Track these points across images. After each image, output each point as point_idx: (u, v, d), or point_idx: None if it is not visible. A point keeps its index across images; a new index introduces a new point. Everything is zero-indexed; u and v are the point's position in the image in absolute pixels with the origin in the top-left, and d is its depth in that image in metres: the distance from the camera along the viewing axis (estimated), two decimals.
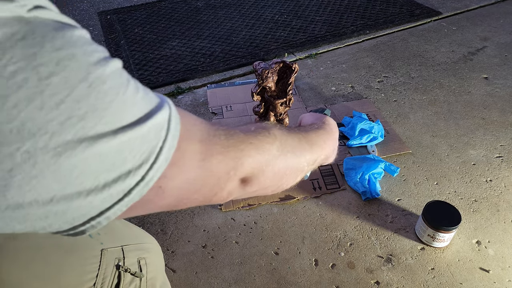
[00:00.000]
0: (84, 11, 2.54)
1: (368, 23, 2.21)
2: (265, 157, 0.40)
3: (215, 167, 0.34)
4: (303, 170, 0.46)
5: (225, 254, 1.05)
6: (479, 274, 0.98)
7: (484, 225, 1.10)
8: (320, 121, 0.57)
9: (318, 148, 0.49)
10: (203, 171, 0.33)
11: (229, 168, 0.36)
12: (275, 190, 0.44)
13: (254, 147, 0.39)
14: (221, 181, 0.36)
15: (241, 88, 1.71)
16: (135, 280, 0.58)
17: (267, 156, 0.40)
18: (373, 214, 1.14)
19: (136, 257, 0.59)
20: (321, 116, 0.59)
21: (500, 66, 1.80)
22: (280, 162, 0.42)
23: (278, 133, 0.43)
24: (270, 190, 0.43)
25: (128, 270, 0.56)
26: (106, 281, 0.53)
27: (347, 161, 1.28)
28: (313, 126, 0.54)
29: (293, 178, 0.45)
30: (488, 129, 1.44)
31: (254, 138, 0.40)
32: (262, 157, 0.40)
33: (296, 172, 0.45)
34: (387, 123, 1.47)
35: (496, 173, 1.26)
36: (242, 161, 0.37)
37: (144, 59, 1.96)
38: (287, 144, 0.44)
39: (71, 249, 0.52)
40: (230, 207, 1.17)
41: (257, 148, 0.39)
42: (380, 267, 1.01)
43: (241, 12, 2.41)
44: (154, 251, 0.65)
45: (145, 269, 0.60)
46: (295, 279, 0.98)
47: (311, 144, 0.48)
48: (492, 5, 2.37)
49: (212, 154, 0.34)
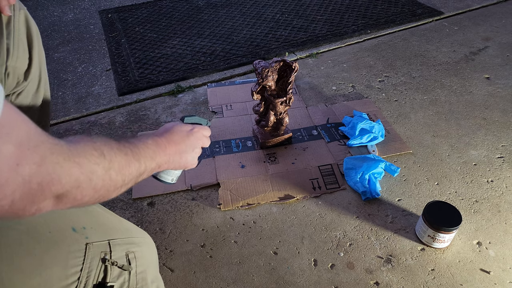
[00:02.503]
0: (85, 10, 2.54)
1: (369, 22, 2.20)
2: (87, 177, 0.41)
3: (28, 177, 0.34)
4: (127, 184, 0.50)
5: (224, 254, 1.04)
6: (480, 276, 0.97)
7: (485, 226, 1.09)
8: (165, 130, 0.65)
9: (147, 159, 0.54)
10: (15, 177, 0.33)
11: (44, 181, 0.36)
12: (93, 202, 0.45)
13: (77, 166, 0.39)
14: (34, 193, 0.35)
15: (242, 87, 1.70)
16: (123, 274, 0.57)
17: (90, 175, 0.41)
18: (373, 214, 1.13)
19: (124, 251, 0.59)
20: (171, 126, 0.67)
21: (502, 66, 1.79)
22: (103, 180, 0.44)
23: (107, 151, 0.45)
24: (85, 202, 0.44)
25: (115, 263, 0.56)
26: (91, 274, 0.53)
27: (347, 160, 1.27)
28: (150, 136, 0.60)
29: (115, 192, 0.48)
30: (489, 130, 1.43)
31: (82, 156, 0.41)
32: (84, 176, 0.40)
33: (119, 187, 0.48)
34: (387, 122, 1.46)
35: (497, 173, 1.25)
36: (60, 178, 0.37)
37: (144, 57, 1.95)
38: (114, 162, 0.46)
39: (54, 244, 0.52)
40: (229, 206, 1.16)
41: (80, 167, 0.40)
42: (380, 267, 1.00)
43: (242, 11, 2.41)
44: (145, 245, 0.65)
45: (134, 262, 0.60)
46: (294, 279, 0.98)
47: (138, 158, 0.52)
48: (494, 5, 2.36)
49: (27, 162, 0.34)
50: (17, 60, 0.86)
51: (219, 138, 1.42)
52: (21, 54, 0.88)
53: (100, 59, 1.99)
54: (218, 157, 1.33)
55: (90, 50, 2.07)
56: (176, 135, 0.65)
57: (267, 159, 1.32)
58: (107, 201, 1.21)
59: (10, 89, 0.89)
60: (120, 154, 0.48)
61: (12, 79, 0.87)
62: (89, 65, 1.94)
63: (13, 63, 0.85)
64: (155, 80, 1.78)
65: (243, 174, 1.26)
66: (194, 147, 0.69)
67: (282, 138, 1.36)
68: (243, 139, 1.42)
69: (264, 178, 1.25)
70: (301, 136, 1.42)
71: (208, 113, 1.56)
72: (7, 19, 0.83)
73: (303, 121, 1.49)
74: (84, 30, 2.29)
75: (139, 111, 1.59)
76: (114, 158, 0.46)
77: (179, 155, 0.65)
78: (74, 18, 2.44)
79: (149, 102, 1.65)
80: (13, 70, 0.86)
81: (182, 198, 1.20)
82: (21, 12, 0.88)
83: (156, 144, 0.59)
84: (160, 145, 0.60)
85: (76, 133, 1.49)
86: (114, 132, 1.48)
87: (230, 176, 1.26)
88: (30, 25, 0.91)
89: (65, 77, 1.85)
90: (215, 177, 1.25)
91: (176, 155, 0.64)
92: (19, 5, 0.88)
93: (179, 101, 1.64)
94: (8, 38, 0.83)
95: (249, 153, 1.35)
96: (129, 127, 1.50)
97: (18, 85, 0.91)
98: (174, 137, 0.64)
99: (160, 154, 0.59)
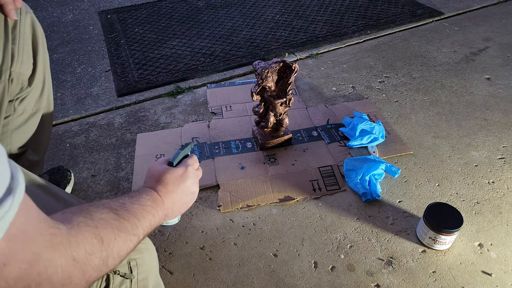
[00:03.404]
0: (85, 10, 2.53)
1: (369, 23, 2.20)
2: (81, 270, 0.39)
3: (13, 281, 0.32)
4: (122, 260, 0.48)
5: (223, 256, 1.03)
6: (481, 278, 0.96)
7: (487, 228, 1.08)
8: (157, 180, 0.61)
9: (146, 228, 0.53)
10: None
11: (31, 282, 0.33)
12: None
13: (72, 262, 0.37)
14: None
15: (241, 88, 1.70)
16: (125, 282, 0.57)
17: (84, 268, 0.39)
18: (374, 216, 1.13)
19: (126, 259, 0.58)
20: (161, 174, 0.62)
21: (502, 67, 1.78)
22: (98, 271, 0.42)
23: (107, 236, 0.43)
24: None
25: (117, 272, 0.55)
26: (93, 284, 0.52)
27: (348, 162, 1.27)
28: (146, 194, 0.57)
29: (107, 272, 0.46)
30: (490, 130, 1.42)
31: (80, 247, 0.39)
32: (78, 271, 0.38)
33: (112, 268, 0.47)
34: (388, 123, 1.46)
35: (499, 174, 1.25)
36: (51, 277, 0.35)
37: (144, 58, 1.95)
38: (113, 247, 0.45)
39: None
40: (228, 208, 1.15)
41: (76, 262, 0.38)
42: (381, 270, 0.99)
43: (241, 11, 2.40)
44: (146, 251, 0.64)
45: (136, 270, 0.59)
46: (294, 282, 0.97)
47: (137, 231, 0.51)
48: (494, 6, 2.35)
49: (16, 262, 0.32)
50: (21, 66, 0.85)
51: (218, 139, 1.41)
52: (26, 60, 0.87)
53: (99, 60, 1.98)
54: (217, 158, 1.32)
55: (89, 51, 2.06)
56: (170, 184, 0.62)
57: (267, 160, 1.31)
58: None
59: (14, 94, 0.88)
60: (119, 234, 0.47)
61: (16, 84, 0.87)
62: (88, 66, 1.93)
63: (17, 69, 0.84)
64: (155, 81, 1.77)
65: (242, 176, 1.26)
66: (191, 186, 0.66)
67: (282, 139, 1.35)
68: (243, 140, 1.41)
69: (264, 180, 1.24)
70: (301, 137, 1.41)
71: (207, 114, 1.55)
72: (13, 23, 0.82)
73: (303, 122, 1.48)
74: (83, 31, 2.28)
75: (138, 112, 1.58)
76: (113, 243, 0.45)
77: (178, 203, 0.63)
78: (74, 19, 2.43)
79: (149, 103, 1.64)
80: (17, 76, 0.85)
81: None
82: (28, 16, 0.87)
83: (154, 203, 0.57)
84: (158, 202, 0.58)
85: (75, 134, 1.48)
86: (113, 133, 1.47)
87: (229, 177, 1.25)
88: (36, 30, 0.90)
89: (64, 78, 1.84)
90: (215, 178, 1.24)
91: (175, 205, 0.62)
92: (26, 8, 0.86)
93: (179, 102, 1.63)
94: (13, 43, 0.82)
95: (248, 154, 1.34)
96: (128, 128, 1.50)
97: (21, 91, 0.90)
98: (169, 187, 0.61)
99: (159, 213, 0.57)
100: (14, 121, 0.93)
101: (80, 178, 1.28)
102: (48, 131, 1.09)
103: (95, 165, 1.34)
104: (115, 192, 1.23)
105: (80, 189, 1.24)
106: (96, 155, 1.38)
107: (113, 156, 1.37)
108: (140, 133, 1.46)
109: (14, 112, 0.91)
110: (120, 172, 1.30)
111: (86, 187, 1.25)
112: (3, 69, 0.81)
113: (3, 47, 0.80)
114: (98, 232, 0.43)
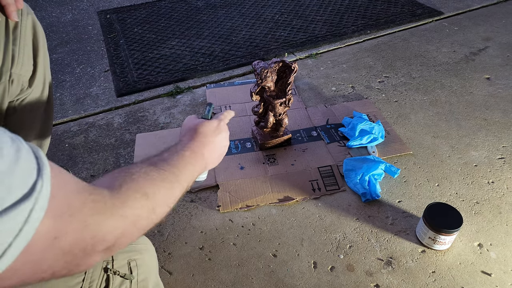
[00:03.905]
0: (84, 10, 2.53)
1: (369, 23, 2.19)
2: (132, 223, 0.40)
3: (69, 247, 0.33)
4: (172, 207, 0.50)
5: (223, 256, 1.03)
6: (481, 278, 0.96)
7: (486, 228, 1.08)
8: (195, 132, 0.63)
9: (188, 176, 0.55)
10: (53, 251, 0.31)
11: (88, 246, 0.34)
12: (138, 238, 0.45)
13: (121, 219, 0.38)
14: (77, 258, 0.34)
15: (241, 88, 1.69)
16: (125, 283, 0.57)
17: (135, 221, 0.40)
18: (373, 216, 1.13)
19: (126, 259, 0.58)
20: (195, 124, 0.65)
21: (502, 67, 1.78)
22: (148, 219, 0.43)
23: (150, 188, 0.44)
24: (131, 242, 0.43)
25: (117, 273, 0.55)
26: (93, 284, 0.52)
27: (347, 162, 1.26)
28: (184, 145, 0.59)
29: (162, 219, 0.48)
30: (490, 130, 1.42)
31: (125, 206, 0.39)
32: (129, 224, 0.39)
33: (165, 214, 0.48)
34: (387, 123, 1.45)
35: (498, 174, 1.24)
36: (104, 236, 0.36)
37: (143, 58, 1.95)
38: (158, 197, 0.46)
39: None
40: (228, 208, 1.15)
41: (125, 218, 0.39)
42: (380, 270, 0.99)
43: (241, 11, 2.40)
44: (146, 252, 0.64)
45: (135, 270, 0.59)
46: (293, 282, 0.97)
47: (179, 179, 0.52)
48: (494, 5, 2.35)
49: (67, 232, 0.32)
50: (21, 67, 0.85)
51: None
52: (26, 61, 0.87)
53: (99, 60, 1.98)
54: None
55: (89, 51, 2.06)
56: (208, 135, 0.64)
57: (266, 160, 1.31)
58: None
59: (14, 96, 0.88)
60: (163, 185, 0.47)
61: (16, 86, 0.86)
62: (87, 66, 1.93)
63: (18, 71, 0.84)
64: (154, 81, 1.77)
65: (242, 176, 1.25)
66: (224, 139, 0.69)
67: (282, 139, 1.35)
68: (242, 140, 1.41)
69: (263, 180, 1.24)
70: (300, 137, 1.41)
71: None
72: (14, 24, 0.82)
73: (302, 122, 1.48)
74: (82, 31, 2.28)
75: (137, 113, 1.58)
76: (157, 194, 0.46)
77: (215, 154, 0.65)
78: (73, 19, 2.43)
79: (148, 103, 1.64)
80: (18, 77, 0.85)
81: (180, 200, 1.19)
82: (29, 17, 0.87)
83: (193, 153, 0.59)
84: (197, 152, 0.60)
85: (74, 134, 1.48)
86: (112, 133, 1.47)
87: (229, 177, 1.25)
88: (37, 31, 0.90)
89: (63, 78, 1.84)
90: (214, 178, 1.24)
91: (212, 155, 0.64)
92: (27, 9, 0.86)
93: (178, 102, 1.63)
94: (14, 44, 0.82)
95: (248, 154, 1.34)
96: (128, 128, 1.49)
97: (22, 92, 0.90)
98: (207, 138, 0.63)
99: (198, 162, 0.59)
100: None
101: (79, 178, 1.28)
102: (49, 132, 1.09)
103: (94, 165, 1.33)
104: None
105: None
106: (95, 155, 1.38)
107: (112, 156, 1.37)
108: (139, 133, 1.46)
109: (14, 113, 0.91)
110: None
111: None
112: (3, 70, 0.80)
113: (3, 48, 0.80)
114: (140, 187, 0.44)
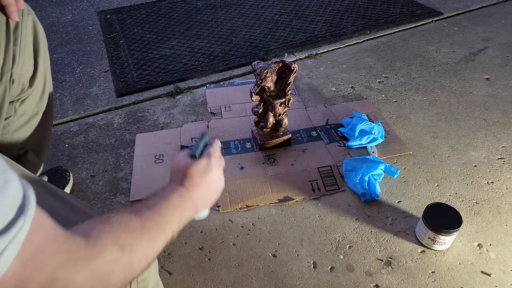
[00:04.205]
0: (84, 11, 2.53)
1: (368, 23, 2.20)
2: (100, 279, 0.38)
3: None
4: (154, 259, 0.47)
5: (222, 256, 1.03)
6: (481, 278, 0.96)
7: (486, 228, 1.08)
8: (182, 174, 0.59)
9: (173, 224, 0.52)
10: None
11: None
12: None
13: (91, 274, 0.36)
14: None
15: (240, 88, 1.70)
16: None
17: (105, 277, 0.39)
18: (373, 216, 1.13)
19: None
20: (184, 166, 0.60)
21: (502, 67, 1.78)
22: (122, 277, 0.41)
23: (128, 240, 0.42)
24: None
25: None
26: None
27: (347, 162, 1.27)
28: (172, 190, 0.56)
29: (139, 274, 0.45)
30: (489, 131, 1.42)
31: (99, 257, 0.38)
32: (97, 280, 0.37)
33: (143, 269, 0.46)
34: (387, 124, 1.46)
35: (498, 175, 1.25)
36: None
37: (143, 58, 1.95)
38: (137, 250, 0.43)
39: None
40: (228, 208, 1.15)
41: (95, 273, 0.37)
42: (380, 270, 0.99)
43: (241, 12, 2.40)
44: None
45: None
46: (293, 282, 0.97)
47: (164, 228, 0.50)
48: (493, 6, 2.36)
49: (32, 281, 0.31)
50: (22, 67, 0.85)
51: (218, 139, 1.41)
52: (27, 61, 0.87)
53: (98, 60, 1.98)
54: None
55: (89, 51, 2.06)
56: (196, 177, 0.59)
57: (266, 160, 1.31)
58: (107, 203, 1.20)
59: (14, 96, 0.88)
60: (143, 237, 0.45)
61: (17, 86, 0.87)
62: (87, 66, 1.93)
63: (18, 70, 0.84)
64: (154, 81, 1.77)
65: (242, 176, 1.25)
66: (217, 176, 0.64)
67: (281, 140, 1.35)
68: (242, 140, 1.41)
69: (263, 180, 1.24)
70: (300, 138, 1.41)
71: (206, 114, 1.55)
72: (15, 24, 0.82)
73: (302, 122, 1.48)
74: (82, 31, 2.28)
75: (137, 113, 1.58)
76: (136, 246, 0.43)
77: (207, 194, 0.61)
78: (73, 19, 2.43)
79: (148, 103, 1.64)
80: (18, 77, 0.85)
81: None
82: (29, 17, 0.87)
83: (181, 197, 0.56)
84: (185, 196, 0.57)
85: (74, 135, 1.48)
86: (112, 133, 1.47)
87: (229, 177, 1.25)
88: (37, 31, 0.90)
89: (63, 78, 1.84)
90: None
91: (203, 196, 0.60)
92: (28, 9, 0.86)
93: (178, 103, 1.63)
94: (15, 44, 0.82)
95: (248, 154, 1.34)
96: (127, 128, 1.49)
97: (22, 92, 0.90)
98: (196, 180, 0.59)
99: (188, 207, 0.56)
100: (15, 123, 0.93)
101: (79, 179, 1.28)
102: (49, 132, 1.10)
103: (94, 165, 1.34)
104: (114, 192, 1.22)
105: (79, 190, 1.24)
106: (95, 156, 1.38)
107: (112, 157, 1.37)
108: (139, 134, 1.46)
109: (15, 113, 0.92)
110: (119, 172, 1.30)
111: (85, 188, 1.25)
112: (4, 70, 0.81)
113: (4, 48, 0.80)
114: (117, 239, 0.41)
